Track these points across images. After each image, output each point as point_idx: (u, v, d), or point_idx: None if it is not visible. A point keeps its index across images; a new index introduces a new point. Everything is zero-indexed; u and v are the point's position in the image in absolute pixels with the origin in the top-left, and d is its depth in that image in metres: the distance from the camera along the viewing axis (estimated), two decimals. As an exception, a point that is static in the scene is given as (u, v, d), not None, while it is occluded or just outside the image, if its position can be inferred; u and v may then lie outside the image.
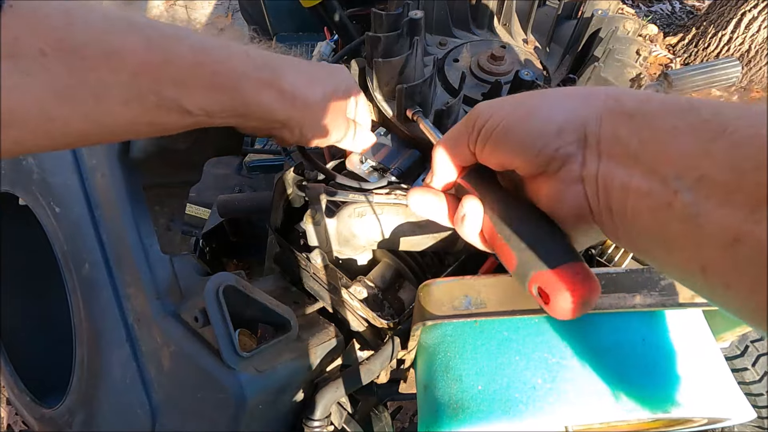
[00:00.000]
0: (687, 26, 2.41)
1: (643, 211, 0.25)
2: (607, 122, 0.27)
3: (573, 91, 0.30)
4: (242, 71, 0.36)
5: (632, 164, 0.25)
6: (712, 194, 0.21)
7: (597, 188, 0.27)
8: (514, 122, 0.30)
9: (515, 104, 0.31)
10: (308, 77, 0.43)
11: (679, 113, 0.24)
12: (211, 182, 1.33)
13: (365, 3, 0.87)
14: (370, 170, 0.58)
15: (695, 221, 0.22)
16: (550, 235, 0.30)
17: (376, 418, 0.66)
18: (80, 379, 0.60)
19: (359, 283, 0.59)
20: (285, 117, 0.41)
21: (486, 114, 0.32)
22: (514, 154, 0.31)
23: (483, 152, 0.33)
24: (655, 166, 0.24)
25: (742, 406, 0.39)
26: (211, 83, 0.34)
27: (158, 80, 0.30)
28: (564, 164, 0.29)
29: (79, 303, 0.59)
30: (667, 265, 0.26)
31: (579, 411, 0.37)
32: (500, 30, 0.73)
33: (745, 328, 0.46)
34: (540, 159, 0.29)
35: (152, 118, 0.31)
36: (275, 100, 0.39)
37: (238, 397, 0.46)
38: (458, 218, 0.34)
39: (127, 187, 0.54)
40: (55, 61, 0.25)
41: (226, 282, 0.44)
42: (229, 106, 0.36)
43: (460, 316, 0.38)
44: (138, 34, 0.29)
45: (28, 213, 0.62)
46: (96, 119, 0.29)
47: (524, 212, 0.32)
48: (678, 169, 0.23)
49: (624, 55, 0.64)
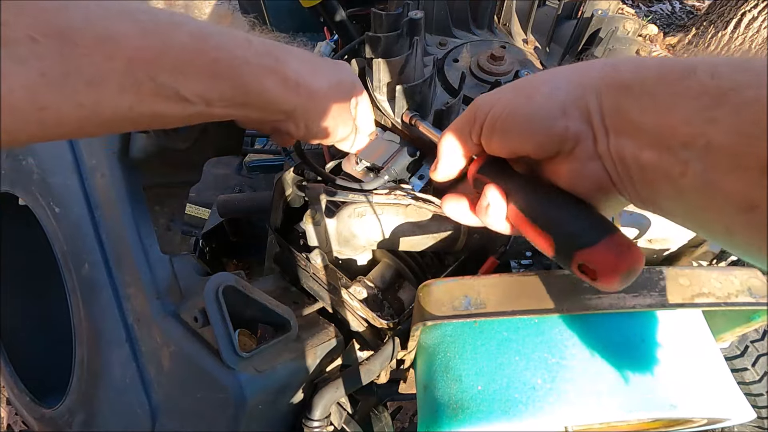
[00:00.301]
0: (687, 26, 2.40)
1: (660, 180, 0.25)
2: (606, 95, 0.27)
3: (570, 68, 0.30)
4: (243, 58, 0.34)
5: (638, 136, 0.25)
6: (721, 161, 0.21)
7: (614, 162, 0.27)
8: (517, 107, 0.30)
9: (515, 90, 0.31)
10: (312, 66, 0.41)
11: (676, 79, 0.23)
12: (211, 182, 1.33)
13: (365, 3, 0.87)
14: (365, 170, 0.58)
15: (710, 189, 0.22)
16: (581, 211, 0.30)
17: (376, 418, 0.66)
18: (80, 379, 0.60)
19: (359, 283, 0.59)
20: (289, 106, 0.39)
21: (487, 105, 0.32)
22: (523, 139, 0.30)
23: (491, 142, 0.33)
24: (661, 136, 0.24)
25: (742, 407, 0.39)
26: (210, 70, 0.32)
27: (155, 67, 0.29)
28: (577, 143, 0.28)
29: (79, 303, 0.59)
30: (695, 227, 0.26)
31: (579, 411, 0.37)
32: (500, 30, 0.73)
33: (745, 328, 0.46)
34: (551, 140, 0.29)
35: (149, 106, 0.30)
36: (278, 87, 0.37)
37: (238, 397, 0.46)
38: (482, 209, 0.34)
39: (127, 187, 0.54)
40: (47, 48, 0.25)
41: (225, 282, 0.44)
42: (230, 94, 0.34)
43: (459, 317, 0.38)
44: (133, 20, 0.28)
45: (28, 213, 0.62)
46: (90, 108, 0.27)
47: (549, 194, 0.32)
48: (683, 139, 0.22)
49: (624, 55, 0.64)
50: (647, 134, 0.24)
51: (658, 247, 0.55)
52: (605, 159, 0.28)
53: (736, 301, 0.38)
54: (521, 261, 0.54)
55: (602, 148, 0.27)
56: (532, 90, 0.30)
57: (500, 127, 0.31)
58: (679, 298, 0.38)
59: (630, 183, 0.27)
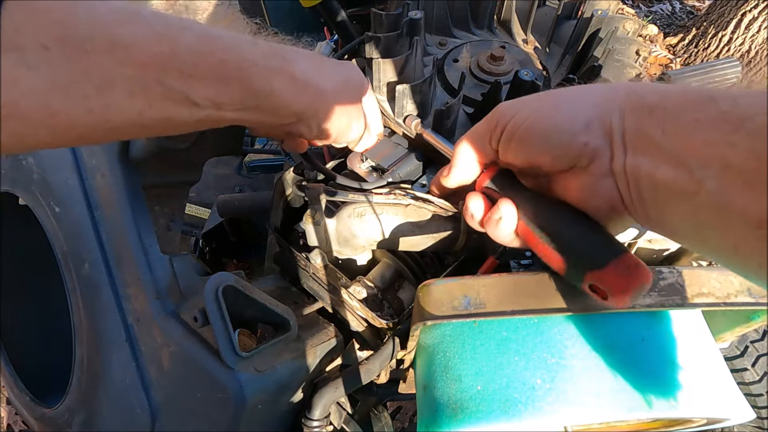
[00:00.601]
0: (687, 26, 2.40)
1: (671, 199, 0.26)
2: (630, 115, 0.28)
3: (595, 87, 0.31)
4: (251, 59, 0.34)
5: (657, 155, 0.26)
6: (736, 181, 0.23)
7: (627, 180, 0.28)
8: (540, 118, 0.31)
9: (540, 101, 0.32)
10: (319, 66, 0.41)
11: (699, 105, 0.25)
12: (211, 182, 1.33)
13: (365, 3, 0.87)
14: (369, 170, 0.58)
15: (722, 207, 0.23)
16: (591, 230, 0.31)
17: (376, 418, 0.66)
18: (80, 379, 0.60)
19: (359, 283, 0.59)
20: (299, 107, 0.39)
21: (509, 112, 0.32)
22: (541, 150, 0.31)
23: (508, 150, 0.33)
24: (680, 156, 0.25)
25: (742, 407, 0.39)
26: (218, 73, 0.32)
27: (164, 71, 0.29)
28: (594, 159, 0.29)
29: (79, 303, 0.59)
30: (700, 245, 0.27)
31: (578, 411, 0.37)
32: (500, 30, 0.73)
33: (745, 328, 0.46)
34: (569, 153, 0.30)
35: (159, 111, 0.30)
36: (287, 88, 0.37)
37: (238, 397, 0.46)
38: (492, 221, 0.34)
39: (127, 187, 0.54)
40: (58, 55, 0.25)
41: (225, 282, 0.44)
42: (239, 97, 0.34)
43: (459, 317, 0.38)
44: (143, 25, 0.29)
45: (28, 213, 0.62)
46: (100, 113, 0.28)
47: (558, 210, 0.32)
48: (703, 160, 0.24)
49: (624, 55, 0.64)
50: (666, 153, 0.26)
51: (658, 247, 0.55)
52: (619, 177, 0.29)
53: (735, 301, 0.38)
54: (521, 261, 0.54)
55: (618, 165, 0.29)
56: (557, 102, 0.31)
57: (521, 135, 0.32)
58: (678, 298, 0.38)
59: (640, 202, 0.28)
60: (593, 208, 0.31)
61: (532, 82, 0.56)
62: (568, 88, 0.32)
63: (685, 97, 0.26)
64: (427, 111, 0.58)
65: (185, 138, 0.52)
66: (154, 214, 0.59)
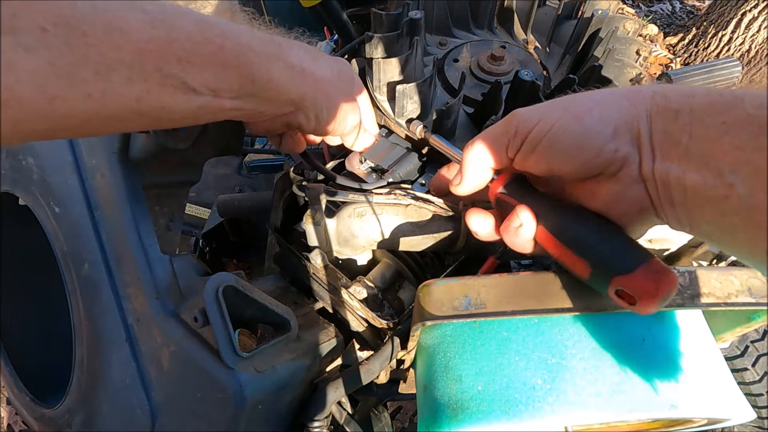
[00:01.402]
0: (687, 26, 2.40)
1: (701, 203, 0.26)
2: (656, 119, 0.28)
3: (620, 90, 0.31)
4: (248, 45, 0.34)
5: (685, 159, 0.26)
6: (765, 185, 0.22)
7: (656, 185, 0.28)
8: (566, 126, 0.30)
9: (562, 108, 0.31)
10: (313, 55, 0.41)
11: (725, 108, 0.25)
12: (211, 182, 1.33)
13: (365, 3, 0.87)
14: (369, 171, 0.58)
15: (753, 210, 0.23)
16: (616, 235, 0.30)
17: (376, 418, 0.66)
18: (80, 379, 0.60)
19: (359, 283, 0.59)
20: (297, 94, 0.39)
21: (531, 121, 0.31)
22: (569, 158, 0.30)
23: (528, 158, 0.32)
24: (708, 160, 0.25)
25: (742, 407, 0.39)
26: (216, 59, 0.32)
27: (162, 57, 0.29)
28: (623, 165, 0.29)
29: (79, 303, 0.59)
30: (732, 248, 0.27)
31: (579, 411, 0.37)
32: (500, 30, 0.73)
33: (745, 328, 0.46)
34: (598, 161, 0.29)
35: (156, 97, 0.30)
36: (285, 74, 0.37)
37: (238, 397, 0.46)
38: (511, 229, 0.34)
39: (127, 187, 0.54)
40: (56, 38, 0.24)
41: (225, 282, 0.44)
42: (237, 83, 0.34)
43: (459, 317, 0.38)
44: (141, 10, 0.28)
45: (28, 213, 0.62)
46: (98, 99, 0.27)
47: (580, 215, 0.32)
48: (732, 164, 0.24)
49: (624, 55, 0.64)
50: (694, 158, 0.26)
51: (658, 247, 0.55)
52: (648, 181, 0.28)
53: (736, 301, 0.38)
54: (521, 261, 0.54)
55: (647, 170, 0.28)
56: (581, 109, 0.30)
57: (545, 144, 0.31)
58: (679, 298, 0.38)
59: (670, 205, 0.28)
60: (619, 213, 0.30)
61: (532, 82, 0.56)
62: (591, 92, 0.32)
63: (710, 99, 0.26)
64: (427, 111, 0.58)
65: (185, 138, 0.52)
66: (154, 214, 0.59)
